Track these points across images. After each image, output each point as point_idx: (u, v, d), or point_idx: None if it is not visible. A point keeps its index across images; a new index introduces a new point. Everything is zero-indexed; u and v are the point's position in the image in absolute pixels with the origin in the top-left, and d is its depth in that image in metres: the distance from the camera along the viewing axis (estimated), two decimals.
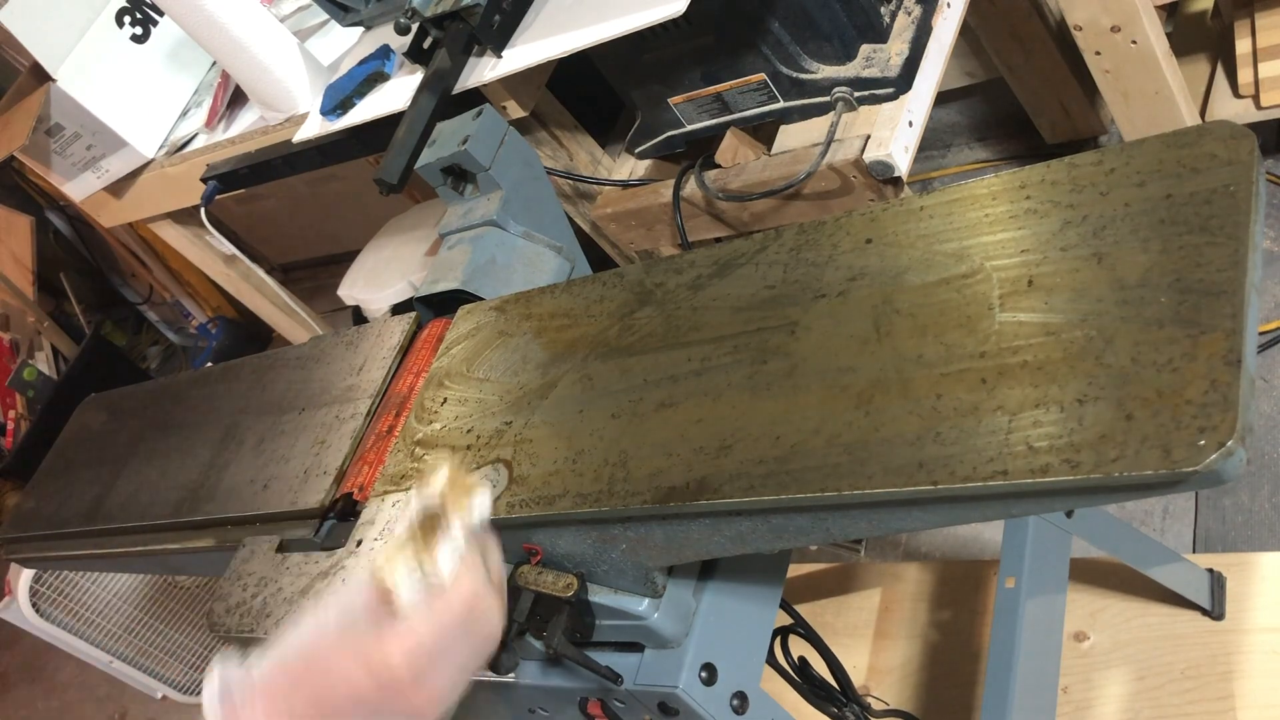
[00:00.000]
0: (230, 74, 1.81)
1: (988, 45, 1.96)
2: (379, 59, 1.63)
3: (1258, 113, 1.72)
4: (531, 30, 1.43)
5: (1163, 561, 1.36)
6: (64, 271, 3.85)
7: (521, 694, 1.05)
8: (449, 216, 1.31)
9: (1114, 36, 1.56)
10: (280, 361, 1.35)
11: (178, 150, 2.06)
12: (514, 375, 1.03)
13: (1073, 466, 0.62)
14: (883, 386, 0.75)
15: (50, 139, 2.07)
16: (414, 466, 1.03)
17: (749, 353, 0.85)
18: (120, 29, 2.05)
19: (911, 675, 1.62)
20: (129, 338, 4.12)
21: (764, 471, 0.76)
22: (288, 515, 1.10)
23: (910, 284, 0.80)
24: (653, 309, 0.96)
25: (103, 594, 2.47)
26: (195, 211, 2.04)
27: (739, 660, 0.97)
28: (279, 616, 1.00)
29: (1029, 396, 0.67)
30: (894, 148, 1.31)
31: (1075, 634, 1.49)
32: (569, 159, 1.64)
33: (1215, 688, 1.36)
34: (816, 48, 1.39)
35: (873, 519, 0.74)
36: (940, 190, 0.85)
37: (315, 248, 3.68)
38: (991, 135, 2.29)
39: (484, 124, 1.26)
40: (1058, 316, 0.70)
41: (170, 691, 2.57)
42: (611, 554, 0.89)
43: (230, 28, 1.68)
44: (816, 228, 0.90)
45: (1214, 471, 0.58)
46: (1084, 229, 0.74)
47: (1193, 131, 0.74)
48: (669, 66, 1.47)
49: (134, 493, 1.36)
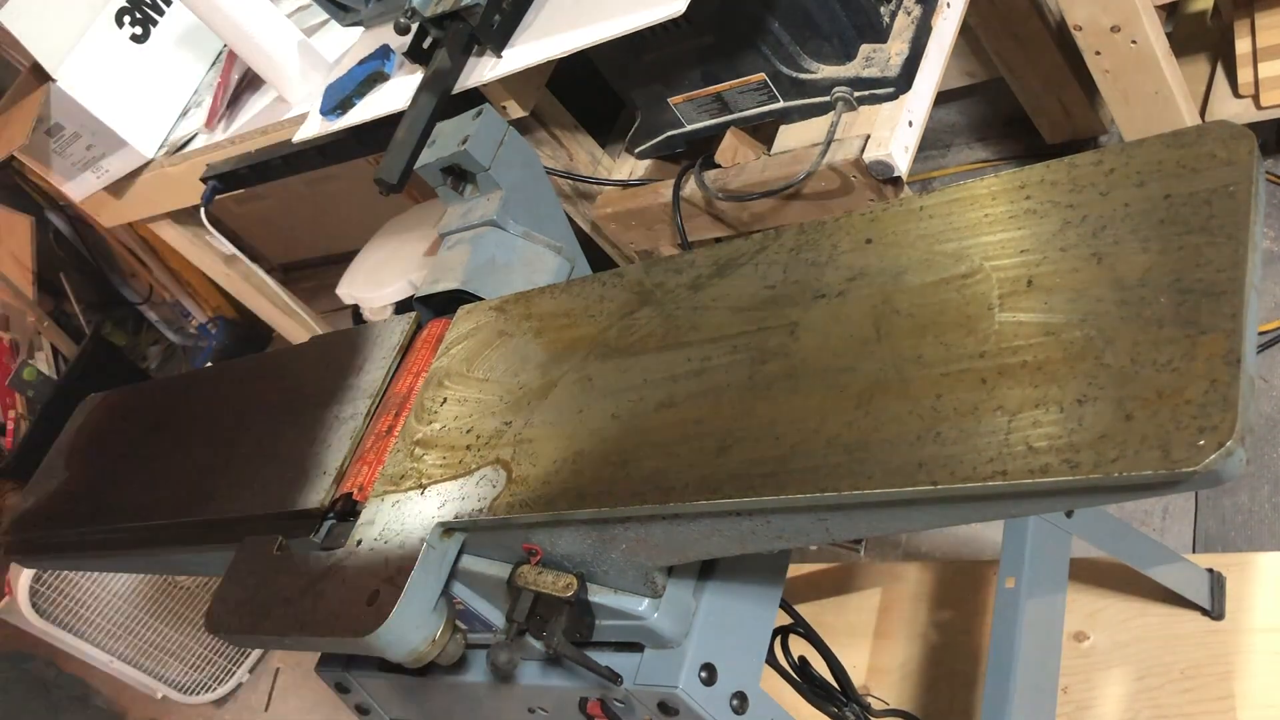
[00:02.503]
0: (248, 63, 1.83)
1: (988, 45, 1.96)
2: (379, 59, 1.63)
3: (1258, 113, 1.72)
4: (531, 30, 1.43)
5: (1163, 561, 1.36)
6: (64, 271, 3.84)
7: (521, 694, 1.05)
8: (449, 216, 1.31)
9: (1114, 36, 1.56)
10: (280, 361, 1.35)
11: (178, 150, 2.06)
12: (514, 375, 1.03)
13: (1072, 467, 0.62)
14: (883, 386, 0.75)
15: (50, 139, 2.07)
16: (414, 466, 1.03)
17: (749, 353, 0.85)
18: (120, 29, 2.05)
19: (911, 675, 1.62)
20: (129, 338, 4.11)
21: (764, 471, 0.76)
22: (288, 515, 1.10)
23: (910, 284, 0.80)
24: (653, 309, 0.96)
25: (103, 594, 2.47)
26: (195, 211, 2.03)
27: (739, 660, 0.97)
28: (278, 617, 1.00)
29: (1029, 396, 0.67)
30: (894, 148, 1.31)
31: (1075, 634, 1.49)
32: (569, 159, 1.64)
33: (1215, 688, 1.36)
34: (816, 48, 1.39)
35: (873, 519, 0.74)
36: (940, 190, 0.85)
37: (315, 248, 3.67)
38: (991, 135, 2.29)
39: (484, 124, 1.26)
40: (1058, 316, 0.70)
41: (170, 691, 2.58)
42: (611, 554, 0.89)
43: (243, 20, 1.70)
44: (816, 228, 0.90)
45: (1214, 472, 0.58)
46: (1084, 229, 0.74)
47: (1193, 131, 0.74)
48: (669, 66, 1.47)
49: (134, 493, 1.36)
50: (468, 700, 1.12)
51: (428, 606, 0.94)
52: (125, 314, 4.09)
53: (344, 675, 1.21)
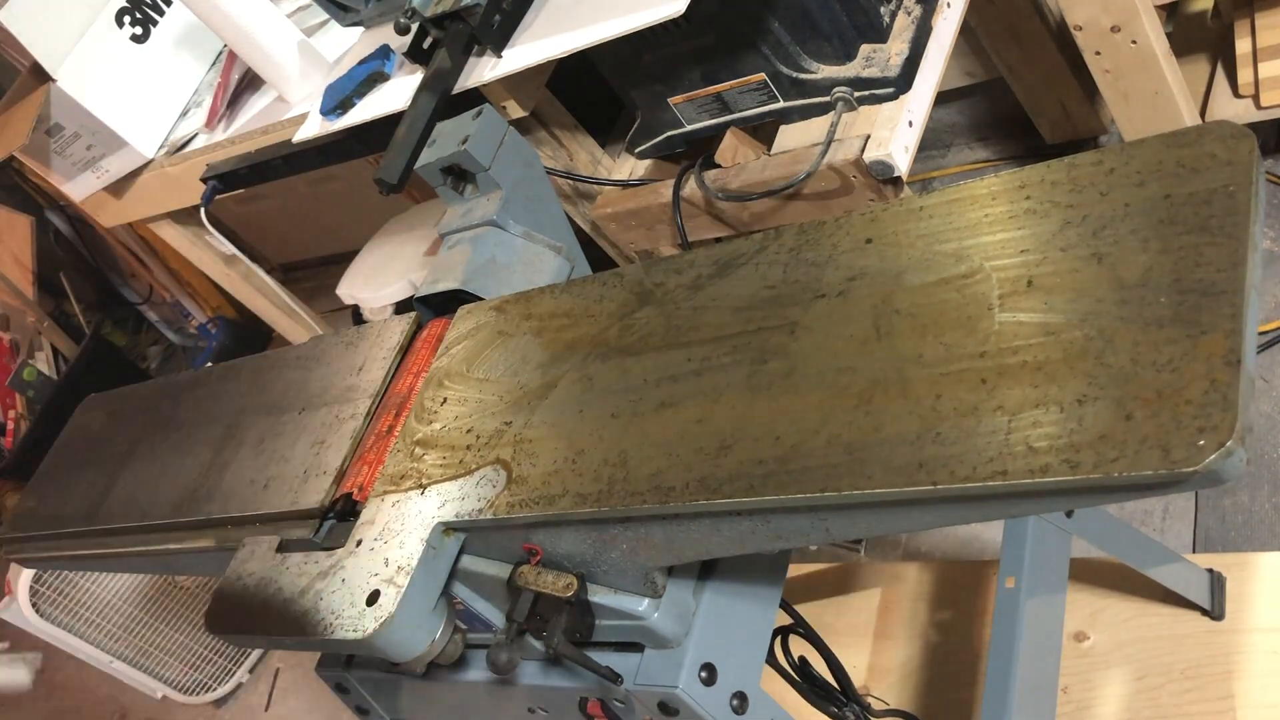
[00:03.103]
0: (249, 63, 1.83)
1: (988, 45, 1.96)
2: (379, 59, 1.63)
3: (1258, 113, 1.72)
4: (531, 30, 1.43)
5: (1163, 561, 1.36)
6: (64, 271, 3.85)
7: (521, 694, 1.05)
8: (449, 216, 1.31)
9: (1114, 36, 1.56)
10: (280, 361, 1.35)
11: (178, 150, 2.06)
12: (514, 375, 1.03)
13: (1072, 467, 0.62)
14: (883, 386, 0.75)
15: (50, 139, 2.07)
16: (414, 466, 1.03)
17: (749, 353, 0.85)
18: (120, 29, 2.05)
19: (911, 675, 1.62)
20: (129, 338, 4.12)
21: (764, 471, 0.76)
22: (288, 515, 1.10)
23: (910, 284, 0.80)
24: (653, 309, 0.96)
25: (103, 594, 2.47)
26: (195, 211, 2.04)
27: (739, 660, 0.97)
28: (278, 617, 1.00)
29: (1029, 396, 0.67)
30: (894, 148, 1.31)
31: (1075, 634, 1.49)
32: (569, 159, 1.64)
33: (1215, 688, 1.36)
34: (816, 47, 1.39)
35: (873, 519, 0.74)
36: (940, 190, 0.85)
37: (315, 248, 3.67)
38: (991, 135, 2.29)
39: (484, 124, 1.26)
40: (1058, 316, 0.70)
41: (170, 691, 2.58)
42: (611, 554, 0.89)
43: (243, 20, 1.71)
44: (816, 228, 0.90)
45: (1214, 472, 0.58)
46: (1084, 229, 0.74)
47: (1193, 131, 0.74)
48: (669, 66, 1.47)
49: (134, 493, 1.36)
50: (468, 700, 1.12)
51: (428, 606, 0.94)
52: (125, 314, 4.09)
53: (344, 676, 1.21)
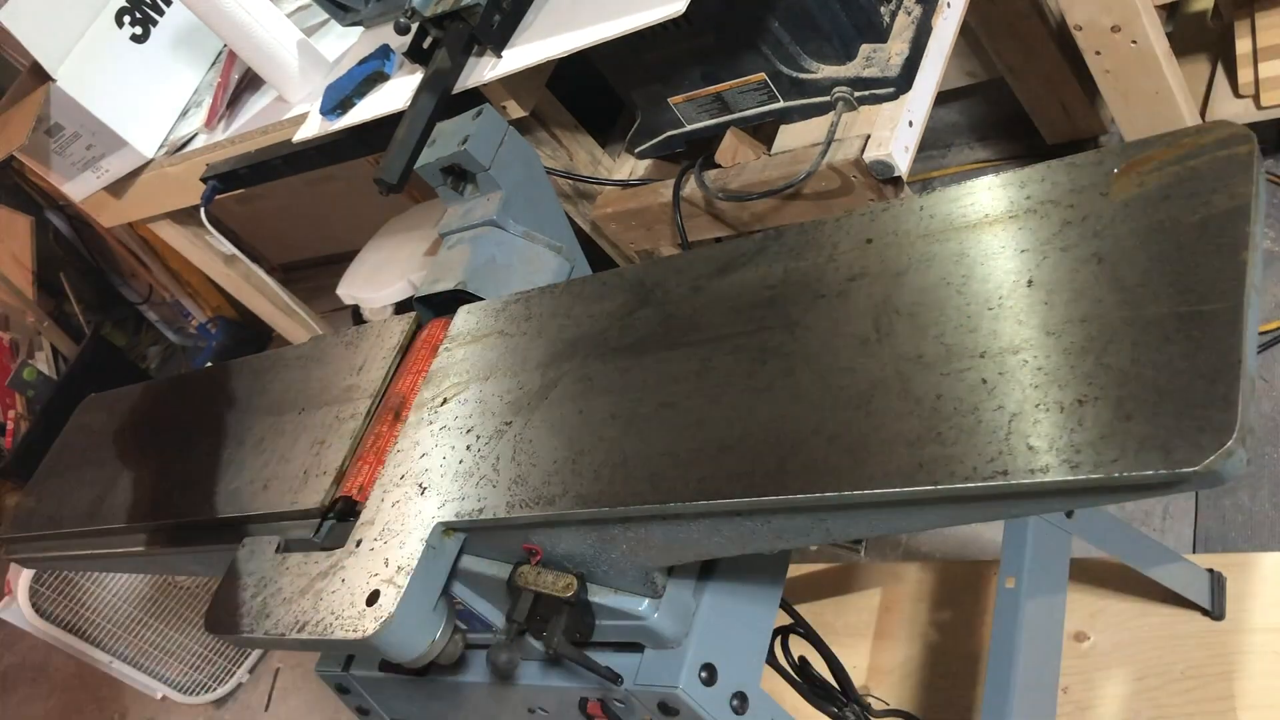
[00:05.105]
0: (249, 63, 1.83)
1: (988, 45, 1.96)
2: (379, 59, 1.63)
3: (1258, 113, 1.72)
4: (531, 30, 1.43)
5: (1163, 561, 1.36)
6: (64, 271, 3.85)
7: (521, 694, 1.05)
8: (449, 216, 1.31)
9: (1114, 36, 1.56)
10: (280, 361, 1.35)
11: (178, 150, 2.06)
12: (514, 375, 1.03)
13: (1072, 467, 0.62)
14: (883, 386, 0.75)
15: (50, 139, 2.07)
16: (414, 466, 1.03)
17: (749, 353, 0.85)
18: (120, 29, 2.05)
19: (911, 675, 1.62)
20: (129, 338, 4.12)
21: (764, 471, 0.76)
22: (287, 515, 1.10)
23: (910, 284, 0.80)
24: (653, 309, 0.96)
25: (103, 594, 2.47)
26: (195, 211, 2.04)
27: (739, 660, 0.97)
28: (278, 617, 1.00)
29: (1029, 396, 0.67)
30: (894, 147, 1.31)
31: (1075, 634, 1.49)
32: (569, 159, 1.64)
33: (1215, 688, 1.36)
34: (816, 47, 1.39)
35: (873, 519, 0.74)
36: (940, 190, 0.85)
37: (315, 248, 3.67)
38: (991, 135, 2.29)
39: (484, 124, 1.26)
40: (1058, 316, 0.70)
41: (170, 691, 2.58)
42: (611, 554, 0.89)
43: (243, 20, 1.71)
44: (816, 228, 0.90)
45: (1214, 472, 0.58)
46: (1084, 229, 0.74)
47: (1193, 131, 0.74)
48: (669, 66, 1.47)
49: (134, 493, 1.36)
50: (468, 700, 1.12)
51: (428, 606, 0.94)
52: (125, 314, 4.09)
53: (344, 676, 1.21)
